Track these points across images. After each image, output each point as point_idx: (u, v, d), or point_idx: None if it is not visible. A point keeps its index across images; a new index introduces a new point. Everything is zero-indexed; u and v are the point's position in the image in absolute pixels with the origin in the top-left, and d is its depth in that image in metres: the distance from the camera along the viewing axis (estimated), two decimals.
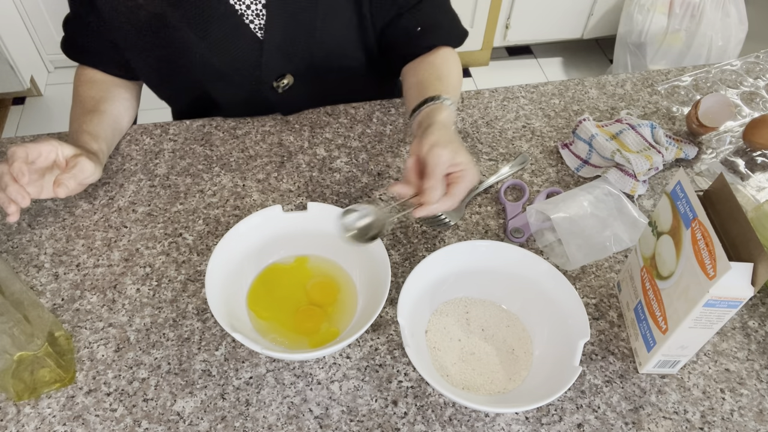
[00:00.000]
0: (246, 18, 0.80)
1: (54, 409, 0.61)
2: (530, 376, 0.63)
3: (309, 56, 0.86)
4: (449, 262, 0.67)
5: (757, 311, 0.71)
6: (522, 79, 0.97)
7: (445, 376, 0.63)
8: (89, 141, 0.77)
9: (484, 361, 0.65)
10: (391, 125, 0.91)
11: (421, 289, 0.65)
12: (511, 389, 0.62)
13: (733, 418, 0.62)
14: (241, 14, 0.80)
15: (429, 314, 0.68)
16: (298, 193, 0.82)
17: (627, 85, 1.00)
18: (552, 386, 0.57)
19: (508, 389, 0.62)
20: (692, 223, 0.55)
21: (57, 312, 0.69)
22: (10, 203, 0.66)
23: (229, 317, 0.62)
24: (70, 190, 0.69)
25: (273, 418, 0.61)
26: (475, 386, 0.63)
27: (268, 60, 0.84)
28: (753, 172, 0.87)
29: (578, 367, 0.57)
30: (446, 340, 0.66)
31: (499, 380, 0.63)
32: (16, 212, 0.67)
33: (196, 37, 0.80)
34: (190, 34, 0.80)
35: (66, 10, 0.85)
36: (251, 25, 0.81)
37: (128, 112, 0.89)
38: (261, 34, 0.82)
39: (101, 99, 0.84)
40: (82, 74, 0.87)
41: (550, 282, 0.65)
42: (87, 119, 0.80)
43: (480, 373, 0.64)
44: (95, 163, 0.73)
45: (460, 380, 0.63)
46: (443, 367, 0.64)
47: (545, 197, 0.81)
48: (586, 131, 0.85)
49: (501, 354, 0.65)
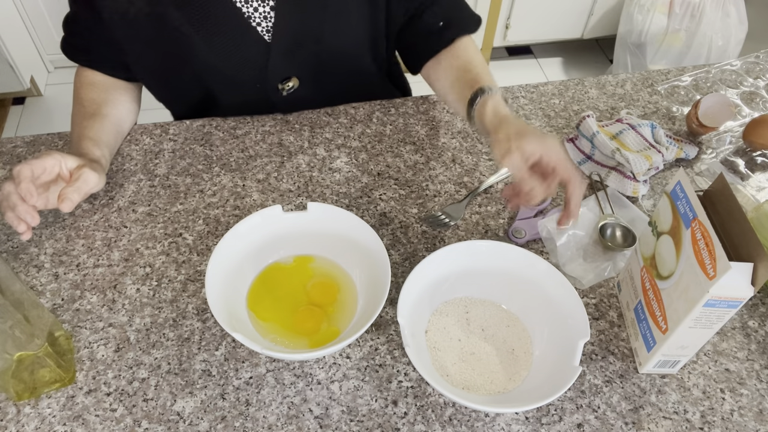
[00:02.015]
0: (253, 21, 0.80)
1: (54, 409, 0.61)
2: (530, 376, 0.63)
3: (316, 59, 0.86)
4: (449, 261, 0.67)
5: (757, 311, 0.71)
6: (522, 79, 0.97)
7: (445, 376, 0.63)
8: (91, 148, 0.77)
9: (484, 361, 0.65)
10: (391, 125, 0.91)
11: (421, 288, 0.65)
12: (511, 389, 0.62)
13: (733, 418, 0.62)
14: (248, 17, 0.79)
15: (429, 314, 0.68)
16: (298, 193, 0.82)
17: (627, 85, 1.00)
18: (552, 386, 0.57)
19: (508, 389, 0.62)
20: (692, 223, 0.55)
21: (57, 312, 0.69)
22: (20, 222, 0.67)
23: (229, 317, 0.62)
24: (75, 203, 0.70)
25: (273, 418, 0.61)
26: (475, 386, 0.63)
27: (275, 63, 0.84)
28: (753, 172, 0.87)
29: (578, 366, 0.57)
30: (446, 340, 0.66)
31: (499, 380, 0.63)
32: (28, 231, 0.68)
33: (199, 39, 0.79)
34: (194, 36, 0.79)
35: (66, 9, 0.85)
36: (258, 28, 0.81)
37: (130, 116, 0.89)
38: (268, 37, 0.82)
39: (102, 102, 0.84)
40: (82, 76, 0.87)
41: (549, 282, 0.65)
42: (89, 124, 0.80)
43: (480, 373, 0.64)
44: (99, 173, 0.73)
45: (460, 380, 0.63)
46: (443, 367, 0.64)
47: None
48: (588, 128, 0.85)
49: (501, 354, 0.65)
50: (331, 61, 0.87)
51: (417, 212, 0.80)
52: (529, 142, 0.63)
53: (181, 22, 0.78)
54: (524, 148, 0.63)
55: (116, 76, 0.88)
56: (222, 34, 0.80)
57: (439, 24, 0.87)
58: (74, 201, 0.69)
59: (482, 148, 0.88)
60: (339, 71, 0.89)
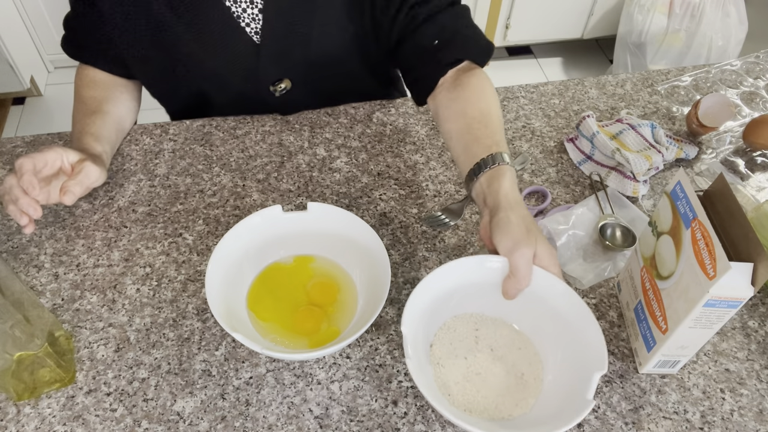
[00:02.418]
0: (242, 21, 0.80)
1: (54, 409, 0.61)
2: (538, 404, 0.59)
3: (306, 62, 0.86)
4: (462, 274, 0.62)
5: (757, 311, 0.71)
6: (522, 79, 0.97)
7: (447, 395, 0.59)
8: (93, 143, 0.77)
9: (489, 383, 0.60)
10: (391, 125, 0.91)
11: (430, 299, 0.61)
12: (516, 416, 0.58)
13: (733, 418, 0.62)
14: (237, 16, 0.80)
15: (436, 327, 0.64)
16: (298, 193, 0.82)
17: (627, 85, 1.00)
18: (560, 418, 0.53)
19: (513, 416, 0.58)
20: (692, 223, 0.55)
21: (57, 312, 0.69)
22: (22, 215, 0.67)
23: (229, 317, 0.62)
24: (77, 196, 0.70)
25: (273, 418, 0.61)
26: (479, 409, 0.59)
27: (265, 64, 0.84)
28: (753, 172, 0.87)
29: (591, 400, 0.53)
30: (451, 357, 0.62)
31: (505, 405, 0.59)
32: (31, 223, 0.68)
33: (189, 36, 0.80)
34: (183, 32, 0.79)
35: (65, 9, 0.85)
36: (247, 29, 0.81)
37: (130, 114, 0.89)
38: (257, 39, 0.82)
39: (103, 99, 0.84)
40: (83, 74, 0.87)
41: (567, 306, 0.60)
42: (90, 120, 0.80)
43: (484, 395, 0.60)
44: (100, 167, 0.73)
45: (462, 401, 0.59)
46: (445, 385, 0.60)
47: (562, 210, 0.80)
48: (588, 128, 0.85)
49: (509, 377, 0.61)
50: (321, 64, 0.87)
51: (417, 212, 0.80)
52: (524, 248, 0.59)
53: (170, 17, 0.78)
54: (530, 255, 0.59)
55: (116, 74, 0.88)
56: (210, 31, 0.80)
57: (434, 42, 0.77)
58: (76, 194, 0.69)
59: None
60: (331, 74, 0.89)
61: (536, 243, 0.59)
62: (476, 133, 0.70)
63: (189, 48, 0.81)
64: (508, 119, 0.93)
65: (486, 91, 0.75)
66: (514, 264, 0.59)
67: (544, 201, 0.81)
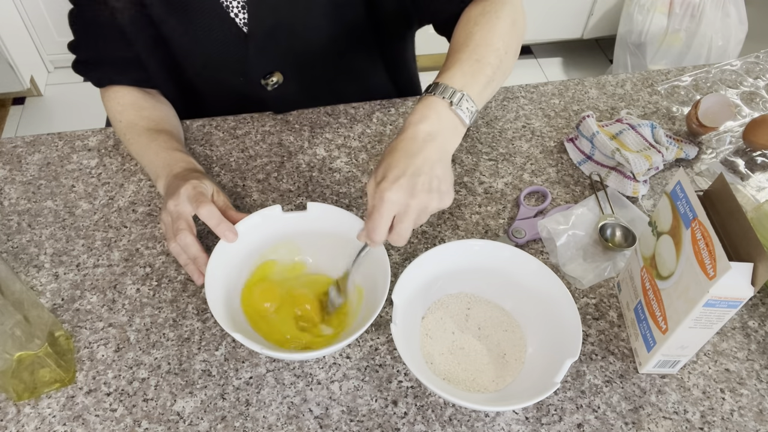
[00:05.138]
0: (231, 11, 0.80)
1: (54, 409, 0.61)
2: (514, 383, 0.63)
3: (294, 54, 0.85)
4: (461, 254, 0.67)
5: (757, 311, 0.71)
6: (522, 79, 0.97)
7: (429, 364, 0.63)
8: (190, 159, 0.77)
9: (471, 358, 0.64)
10: (391, 125, 0.91)
11: (425, 275, 0.65)
12: (492, 391, 0.62)
13: (733, 418, 0.62)
14: (226, 6, 0.79)
15: (430, 302, 0.68)
16: (298, 193, 0.82)
17: (627, 85, 1.00)
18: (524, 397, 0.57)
19: (488, 390, 0.62)
20: (692, 223, 0.55)
21: (57, 312, 0.69)
22: (200, 276, 0.68)
23: (229, 317, 0.62)
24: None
25: (273, 418, 0.61)
26: (457, 380, 0.63)
27: (254, 55, 0.83)
28: (753, 172, 0.87)
29: (556, 383, 0.56)
30: (440, 331, 0.66)
31: (482, 380, 0.63)
32: (201, 277, 0.67)
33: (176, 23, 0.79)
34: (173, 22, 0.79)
35: (66, 9, 0.84)
36: (236, 19, 0.81)
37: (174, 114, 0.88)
38: (246, 29, 0.82)
39: (151, 118, 0.83)
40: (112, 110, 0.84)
41: (556, 297, 0.64)
42: (163, 139, 0.79)
43: (464, 368, 0.64)
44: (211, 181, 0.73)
45: (443, 370, 0.63)
46: (430, 354, 0.64)
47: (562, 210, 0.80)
48: (588, 128, 0.85)
49: (492, 355, 0.65)
50: (310, 56, 0.86)
51: None
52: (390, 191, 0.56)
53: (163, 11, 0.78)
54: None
55: (134, 83, 0.85)
56: (198, 19, 0.79)
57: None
58: (234, 233, 0.67)
59: (482, 148, 0.88)
60: (322, 66, 0.88)
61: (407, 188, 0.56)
62: (453, 56, 0.66)
63: (182, 41, 0.81)
64: (507, 119, 0.93)
65: (486, 14, 0.69)
66: (369, 203, 0.58)
67: (544, 201, 0.81)
